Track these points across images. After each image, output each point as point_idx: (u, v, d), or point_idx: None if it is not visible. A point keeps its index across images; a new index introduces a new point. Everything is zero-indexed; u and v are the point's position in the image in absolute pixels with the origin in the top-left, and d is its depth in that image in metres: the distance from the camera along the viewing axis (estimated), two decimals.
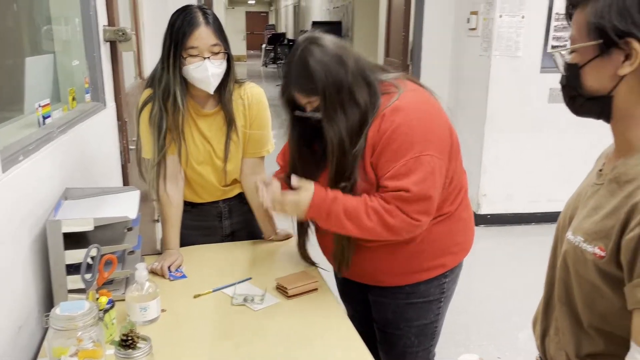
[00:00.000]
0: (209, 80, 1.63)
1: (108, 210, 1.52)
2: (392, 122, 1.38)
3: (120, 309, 1.38)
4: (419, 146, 1.37)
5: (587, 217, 0.95)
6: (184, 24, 1.60)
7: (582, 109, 0.95)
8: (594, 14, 0.88)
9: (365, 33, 8.26)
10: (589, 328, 0.96)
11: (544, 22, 3.86)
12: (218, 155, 1.78)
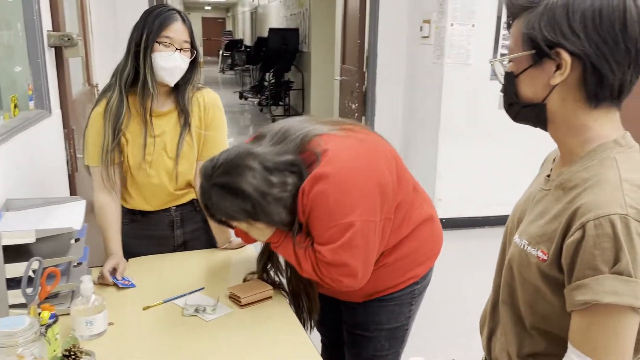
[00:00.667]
0: (174, 71, 1.66)
1: (51, 221, 1.47)
2: (309, 196, 1.33)
3: (66, 324, 1.33)
4: (337, 216, 1.33)
5: (534, 222, 0.97)
6: (162, 15, 1.66)
7: (519, 116, 0.98)
8: (526, 24, 0.91)
9: (322, 40, 8.31)
10: (531, 329, 0.99)
11: (493, 31, 3.98)
12: (169, 155, 1.75)
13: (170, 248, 1.87)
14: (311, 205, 1.34)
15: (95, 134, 1.71)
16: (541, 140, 3.81)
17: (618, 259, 0.81)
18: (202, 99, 1.79)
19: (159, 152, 1.74)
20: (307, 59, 9.00)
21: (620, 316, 0.83)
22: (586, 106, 0.91)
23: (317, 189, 1.32)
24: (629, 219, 0.82)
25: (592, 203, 0.85)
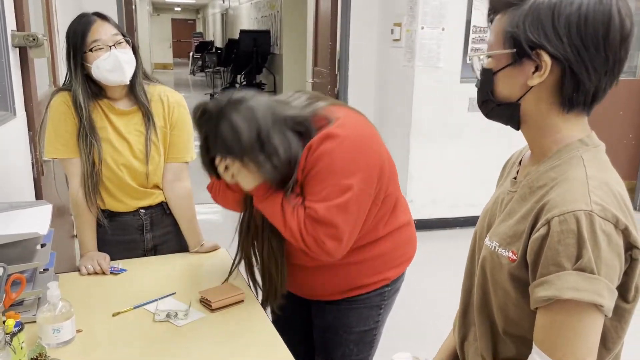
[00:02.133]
0: (122, 68, 1.61)
1: (16, 226, 1.42)
2: (315, 152, 1.36)
3: (32, 331, 1.29)
4: (339, 175, 1.35)
5: (502, 223, 0.98)
6: (80, 25, 1.62)
7: (492, 113, 0.99)
8: (509, 22, 0.91)
9: (293, 42, 8.31)
10: (504, 334, 0.99)
11: (462, 34, 4.04)
12: (136, 156, 1.72)
13: (139, 253, 1.84)
14: (315, 161, 1.36)
15: (63, 124, 1.67)
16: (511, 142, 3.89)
17: (580, 255, 0.82)
18: (165, 99, 1.76)
19: (126, 152, 1.71)
20: (279, 61, 8.99)
21: (581, 314, 0.83)
22: (559, 109, 0.92)
23: (325, 146, 1.35)
24: (593, 216, 0.82)
25: (558, 200, 0.85)
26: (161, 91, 1.77)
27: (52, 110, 1.68)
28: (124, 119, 1.71)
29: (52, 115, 1.69)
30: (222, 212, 4.87)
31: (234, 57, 10.13)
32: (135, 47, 1.69)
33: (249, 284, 1.63)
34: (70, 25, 1.66)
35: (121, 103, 1.73)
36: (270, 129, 1.33)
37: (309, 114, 1.41)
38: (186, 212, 1.84)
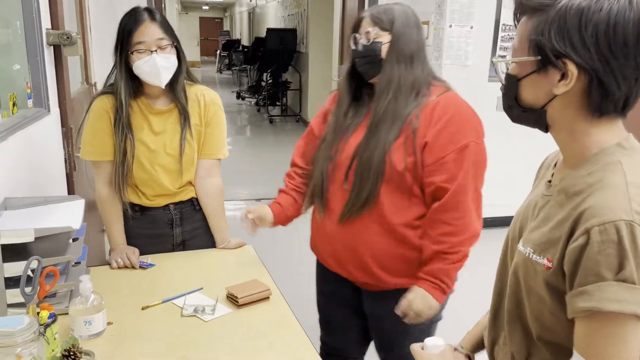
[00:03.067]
0: (158, 73, 1.64)
1: (50, 220, 1.46)
2: (446, 109, 1.51)
3: (64, 323, 1.33)
4: (471, 134, 1.51)
5: (537, 229, 0.95)
6: (130, 22, 1.64)
7: (518, 119, 0.97)
8: (534, 29, 0.88)
9: (319, 40, 8.30)
10: (538, 340, 0.97)
11: (491, 32, 3.98)
12: (170, 154, 1.75)
13: (169, 247, 1.86)
14: (446, 120, 1.49)
15: (97, 128, 1.72)
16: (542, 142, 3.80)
17: (622, 266, 0.79)
18: (202, 97, 1.79)
19: (161, 150, 1.74)
20: (305, 59, 9.00)
21: (624, 324, 0.81)
22: (588, 116, 0.89)
23: (453, 108, 1.52)
24: (634, 226, 0.79)
25: (596, 208, 0.83)
26: (198, 90, 1.81)
27: (92, 114, 1.73)
28: (160, 118, 1.75)
29: (90, 118, 1.74)
30: None
31: (261, 55, 10.17)
32: (179, 50, 1.71)
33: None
34: (122, 17, 1.69)
35: (159, 102, 1.76)
36: (420, 44, 1.57)
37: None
38: (215, 209, 1.87)
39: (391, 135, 1.51)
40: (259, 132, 8.69)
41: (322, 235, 1.67)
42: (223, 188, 1.88)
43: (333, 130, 1.64)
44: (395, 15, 1.54)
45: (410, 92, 1.52)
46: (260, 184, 5.64)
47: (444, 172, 1.48)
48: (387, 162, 1.50)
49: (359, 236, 1.57)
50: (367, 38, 1.55)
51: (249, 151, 7.18)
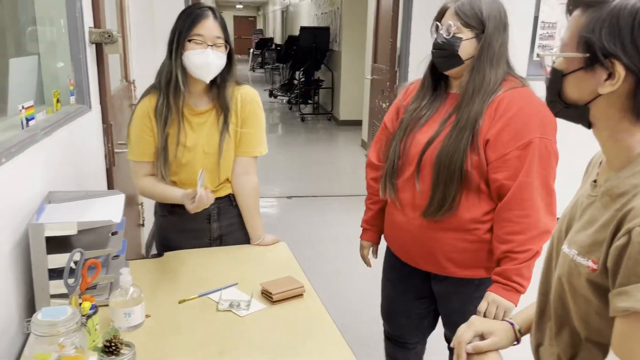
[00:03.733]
0: (208, 67, 1.67)
1: (92, 214, 1.50)
2: (510, 105, 1.49)
3: (104, 315, 1.36)
4: (536, 130, 1.48)
5: (582, 230, 0.94)
6: (193, 14, 1.69)
7: (560, 114, 0.95)
8: (586, 26, 0.86)
9: (353, 39, 8.29)
10: (586, 341, 0.95)
11: (529, 30, 3.90)
12: (209, 153, 1.78)
13: (206, 242, 1.89)
14: (511, 115, 1.48)
15: (140, 130, 1.76)
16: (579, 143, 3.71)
17: None
18: (239, 95, 1.81)
19: (198, 149, 1.77)
20: (338, 57, 8.99)
21: None
22: (633, 117, 0.87)
23: (519, 104, 1.50)
24: None
25: (639, 209, 0.82)
26: (238, 89, 1.82)
27: (136, 114, 1.77)
28: (200, 118, 1.78)
29: (134, 120, 1.77)
30: (280, 206, 4.96)
31: (293, 54, 10.22)
32: (232, 53, 1.74)
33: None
34: (185, 9, 1.74)
35: (200, 101, 1.78)
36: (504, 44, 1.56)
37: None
38: (251, 206, 1.88)
39: (469, 140, 1.52)
40: (291, 131, 8.73)
41: (393, 226, 1.73)
42: (259, 185, 1.90)
43: (406, 124, 1.66)
44: (484, 12, 1.49)
45: (491, 94, 1.52)
46: (291, 182, 5.67)
47: (506, 169, 1.49)
48: (466, 167, 1.51)
49: (428, 230, 1.60)
50: (447, 31, 1.53)
51: (280, 149, 7.22)
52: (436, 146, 1.55)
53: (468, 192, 1.54)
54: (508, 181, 1.49)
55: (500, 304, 1.53)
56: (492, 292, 1.55)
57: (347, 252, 2.11)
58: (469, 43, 1.52)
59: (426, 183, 1.58)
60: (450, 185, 1.52)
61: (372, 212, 1.86)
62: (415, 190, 1.61)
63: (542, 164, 1.48)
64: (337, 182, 5.71)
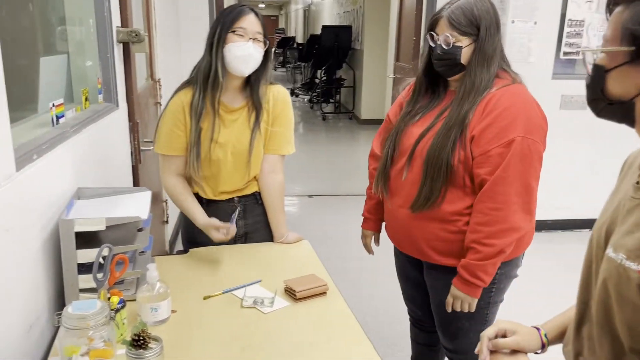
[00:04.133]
0: (249, 59, 1.70)
1: (120, 210, 1.52)
2: (498, 103, 1.52)
3: (131, 309, 1.38)
4: (520, 129, 1.50)
5: (629, 234, 0.90)
6: (236, 9, 1.73)
7: (603, 112, 0.92)
8: (631, 18, 0.84)
9: (375, 37, 8.26)
10: (630, 351, 0.91)
11: (556, 28, 3.84)
12: (239, 150, 1.80)
13: (231, 239, 1.90)
14: (498, 113, 1.51)
15: (172, 124, 1.77)
16: (606, 144, 3.64)
17: None
18: (270, 93, 1.83)
19: (228, 146, 1.78)
20: (360, 56, 8.97)
21: None
22: None
23: (507, 101, 1.52)
24: None
25: None
26: (269, 88, 1.84)
27: (169, 108, 1.79)
28: (232, 115, 1.79)
29: (167, 113, 1.79)
30: (302, 205, 4.97)
31: (315, 53, 10.23)
32: (269, 51, 1.77)
33: None
34: (227, 7, 1.78)
35: (234, 99, 1.80)
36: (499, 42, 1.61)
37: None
38: (276, 204, 1.90)
39: (457, 136, 1.57)
40: (312, 129, 8.74)
41: (387, 214, 1.81)
42: (284, 184, 1.91)
43: (402, 118, 1.72)
44: (477, 17, 1.54)
45: (482, 92, 1.56)
46: (312, 180, 5.68)
47: (488, 165, 1.52)
48: (453, 162, 1.56)
49: (413, 219, 1.67)
50: (446, 42, 1.57)
51: (301, 148, 7.24)
52: (428, 140, 1.61)
53: (453, 186, 1.59)
54: (488, 176, 1.53)
55: (464, 299, 1.61)
56: (455, 287, 1.62)
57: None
58: (469, 49, 1.57)
59: (416, 175, 1.63)
60: (437, 180, 1.57)
61: (373, 202, 1.92)
62: (403, 182, 1.67)
63: (522, 163, 1.51)
64: (359, 181, 5.67)
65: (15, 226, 1.21)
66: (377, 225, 1.96)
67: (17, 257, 1.22)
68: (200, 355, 1.28)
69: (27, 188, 1.28)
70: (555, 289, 3.33)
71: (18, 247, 1.22)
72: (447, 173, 1.56)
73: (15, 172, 1.22)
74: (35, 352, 1.30)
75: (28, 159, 1.31)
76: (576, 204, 4.20)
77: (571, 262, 3.80)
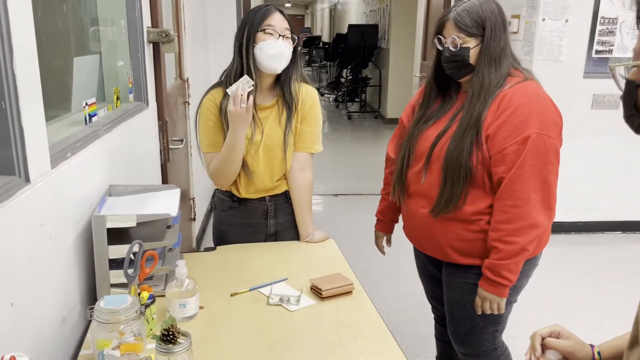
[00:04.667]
0: (281, 56, 1.72)
1: (150, 207, 1.55)
2: (512, 101, 1.52)
3: (160, 305, 1.41)
4: (535, 125, 1.50)
5: None
6: (262, 10, 1.75)
7: None
8: None
9: (401, 36, 8.22)
10: None
11: (588, 26, 3.76)
12: (271, 148, 1.81)
13: (262, 237, 1.93)
14: (511, 111, 1.51)
15: (209, 122, 1.79)
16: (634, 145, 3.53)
17: None
18: (300, 92, 1.85)
19: (261, 144, 1.80)
20: (386, 54, 8.93)
21: None
22: None
23: (520, 98, 1.52)
24: None
25: None
26: (298, 87, 1.85)
27: (202, 109, 1.82)
28: (264, 113, 1.81)
29: (201, 113, 1.82)
30: (327, 204, 4.98)
31: (341, 52, 10.22)
32: (297, 47, 1.79)
33: None
34: (252, 9, 1.80)
35: (265, 97, 1.82)
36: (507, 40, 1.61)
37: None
38: (303, 202, 1.91)
39: (473, 137, 1.57)
40: (337, 128, 8.73)
41: (405, 216, 1.81)
42: (312, 183, 1.92)
43: (416, 122, 1.73)
44: (482, 18, 1.55)
45: (494, 91, 1.56)
46: (337, 179, 5.68)
47: (505, 163, 1.53)
48: (472, 163, 1.56)
49: (433, 219, 1.66)
50: (453, 44, 1.59)
51: (327, 147, 7.14)
52: (445, 142, 1.61)
53: (473, 187, 1.59)
54: (505, 174, 1.53)
55: (492, 299, 1.61)
56: (482, 288, 1.62)
57: (393, 251, 2.10)
58: (476, 49, 1.59)
59: (434, 177, 1.63)
60: (457, 182, 1.58)
61: (386, 203, 1.94)
62: (423, 184, 1.68)
63: (538, 159, 1.51)
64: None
65: (50, 222, 1.24)
66: (390, 227, 1.99)
67: (51, 252, 1.25)
68: (228, 351, 1.30)
69: (61, 185, 1.32)
70: (586, 291, 3.26)
71: (53, 242, 1.26)
72: (467, 175, 1.56)
73: (50, 169, 1.26)
74: (69, 344, 1.34)
75: (62, 157, 1.34)
76: (607, 206, 4.11)
77: (601, 265, 3.73)
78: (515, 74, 1.60)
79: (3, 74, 1.05)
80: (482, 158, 1.55)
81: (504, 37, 1.59)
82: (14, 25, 1.07)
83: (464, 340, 1.79)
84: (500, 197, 1.55)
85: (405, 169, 1.73)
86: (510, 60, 1.61)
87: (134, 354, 1.11)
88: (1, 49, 1.04)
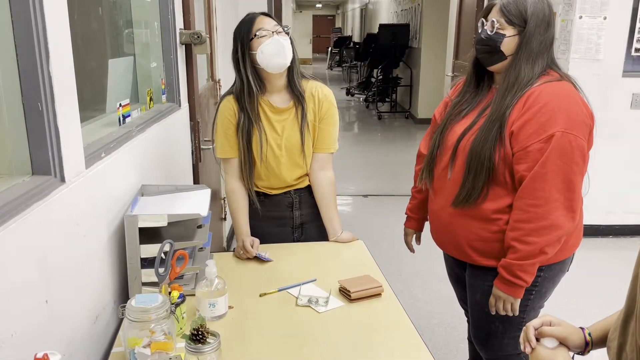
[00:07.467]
0: (283, 49, 1.73)
1: (181, 207, 1.57)
2: (539, 98, 1.48)
3: (190, 304, 1.42)
4: (560, 124, 1.45)
5: None
6: (245, 21, 1.78)
7: None
8: None
9: (433, 35, 8.13)
10: None
11: (627, 23, 3.64)
12: (290, 149, 1.84)
13: (288, 229, 1.95)
14: (537, 109, 1.47)
15: (226, 127, 1.83)
16: None
17: None
18: (316, 93, 1.86)
19: (281, 147, 1.83)
20: (417, 54, 8.85)
21: None
22: None
23: (546, 97, 1.48)
24: None
25: None
26: (313, 87, 1.87)
27: (220, 114, 1.86)
28: (281, 116, 1.83)
29: (219, 118, 1.86)
30: (356, 205, 4.96)
31: (372, 51, 10.17)
32: (292, 39, 1.80)
33: None
34: (237, 25, 1.82)
35: (280, 99, 1.84)
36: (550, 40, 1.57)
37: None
38: (328, 199, 1.92)
39: (498, 132, 1.55)
40: (367, 129, 8.69)
41: (430, 214, 1.80)
42: (334, 180, 1.93)
43: (447, 116, 1.72)
44: (528, 10, 1.52)
45: (524, 88, 1.53)
46: (367, 180, 5.65)
47: (527, 160, 1.49)
48: (495, 159, 1.53)
49: (456, 218, 1.64)
50: (491, 27, 1.56)
51: (356, 147, 7.21)
52: (470, 136, 1.58)
53: (495, 183, 1.56)
54: (527, 173, 1.49)
55: (506, 299, 1.57)
56: (496, 287, 1.58)
57: (424, 252, 2.07)
58: (512, 40, 1.54)
59: (458, 172, 1.61)
60: (479, 176, 1.54)
61: (417, 201, 1.92)
62: (447, 180, 1.65)
63: (563, 158, 1.46)
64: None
65: (85, 221, 1.27)
66: (419, 224, 1.96)
67: (86, 250, 1.28)
68: (257, 351, 1.30)
69: (95, 185, 1.34)
70: (623, 297, 3.16)
71: (87, 240, 1.28)
72: (489, 169, 1.53)
73: (85, 169, 1.28)
74: (101, 342, 1.36)
75: (97, 157, 1.37)
76: None
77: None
78: (550, 73, 1.56)
79: (40, 76, 1.08)
80: (504, 154, 1.52)
81: (546, 36, 1.54)
82: (50, 27, 1.10)
83: (485, 344, 1.76)
84: (521, 195, 1.50)
85: (434, 160, 1.71)
86: (547, 61, 1.56)
87: (164, 353, 1.13)
88: (38, 51, 1.07)
